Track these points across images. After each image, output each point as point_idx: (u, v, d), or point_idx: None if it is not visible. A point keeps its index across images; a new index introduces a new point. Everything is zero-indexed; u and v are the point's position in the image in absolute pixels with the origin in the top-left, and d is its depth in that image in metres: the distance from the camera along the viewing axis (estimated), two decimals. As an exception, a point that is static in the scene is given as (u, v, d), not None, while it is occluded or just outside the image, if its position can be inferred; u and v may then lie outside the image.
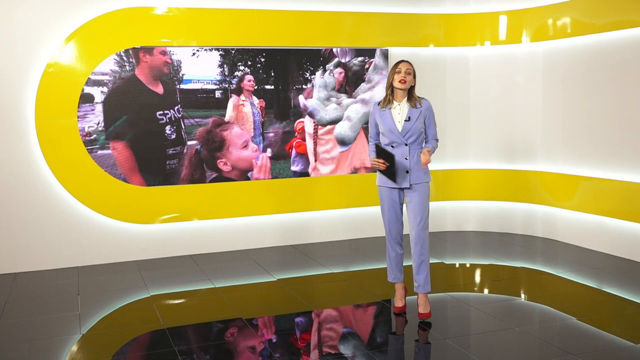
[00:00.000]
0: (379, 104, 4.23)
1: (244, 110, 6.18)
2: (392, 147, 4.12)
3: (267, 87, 6.30)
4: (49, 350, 3.88)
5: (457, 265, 5.79)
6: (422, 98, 4.22)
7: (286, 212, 6.47)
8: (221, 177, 6.18)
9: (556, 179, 6.39)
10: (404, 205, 4.27)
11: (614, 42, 5.69)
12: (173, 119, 5.96)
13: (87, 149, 5.71)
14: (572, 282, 5.07)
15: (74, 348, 3.90)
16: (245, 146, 6.22)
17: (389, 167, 4.07)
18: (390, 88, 4.15)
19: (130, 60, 5.76)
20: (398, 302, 4.37)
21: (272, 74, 6.29)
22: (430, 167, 4.98)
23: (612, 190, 5.80)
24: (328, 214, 6.62)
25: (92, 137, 5.68)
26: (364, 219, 6.69)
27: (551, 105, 6.40)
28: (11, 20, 5.46)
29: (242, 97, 6.16)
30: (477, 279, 5.42)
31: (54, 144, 5.64)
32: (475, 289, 5.06)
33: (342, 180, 6.62)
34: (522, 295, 4.86)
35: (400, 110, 4.14)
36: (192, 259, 6.00)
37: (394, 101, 4.17)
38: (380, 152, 4.09)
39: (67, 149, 5.68)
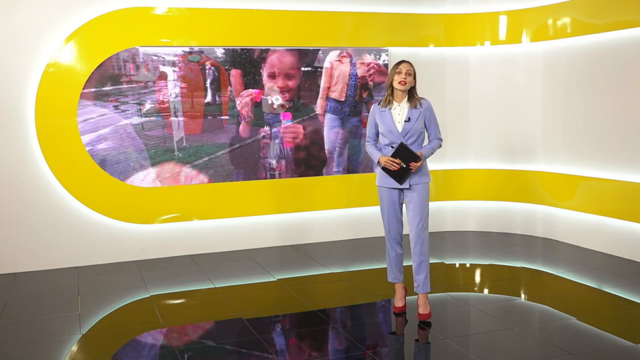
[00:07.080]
0: (379, 104, 4.24)
1: None
2: (392, 147, 4.12)
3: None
4: (49, 350, 3.88)
5: (457, 265, 5.79)
6: (422, 98, 4.21)
7: (286, 212, 6.46)
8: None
9: (556, 179, 6.39)
10: (404, 205, 4.27)
11: (614, 42, 5.69)
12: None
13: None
14: (572, 282, 5.07)
15: (74, 348, 3.90)
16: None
17: (403, 168, 4.05)
18: (391, 88, 4.15)
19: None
20: (398, 302, 4.37)
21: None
22: (430, 167, 4.97)
23: (612, 190, 5.79)
24: (328, 214, 6.62)
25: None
26: (364, 219, 6.69)
27: (551, 105, 6.40)
28: (11, 20, 5.46)
29: None
30: (477, 279, 5.42)
31: (54, 144, 5.64)
32: (475, 289, 5.06)
33: (342, 180, 6.62)
34: (522, 295, 4.86)
35: (400, 110, 4.13)
36: (192, 259, 5.99)
37: (394, 101, 4.16)
38: (403, 151, 4.01)
39: (67, 149, 5.68)
